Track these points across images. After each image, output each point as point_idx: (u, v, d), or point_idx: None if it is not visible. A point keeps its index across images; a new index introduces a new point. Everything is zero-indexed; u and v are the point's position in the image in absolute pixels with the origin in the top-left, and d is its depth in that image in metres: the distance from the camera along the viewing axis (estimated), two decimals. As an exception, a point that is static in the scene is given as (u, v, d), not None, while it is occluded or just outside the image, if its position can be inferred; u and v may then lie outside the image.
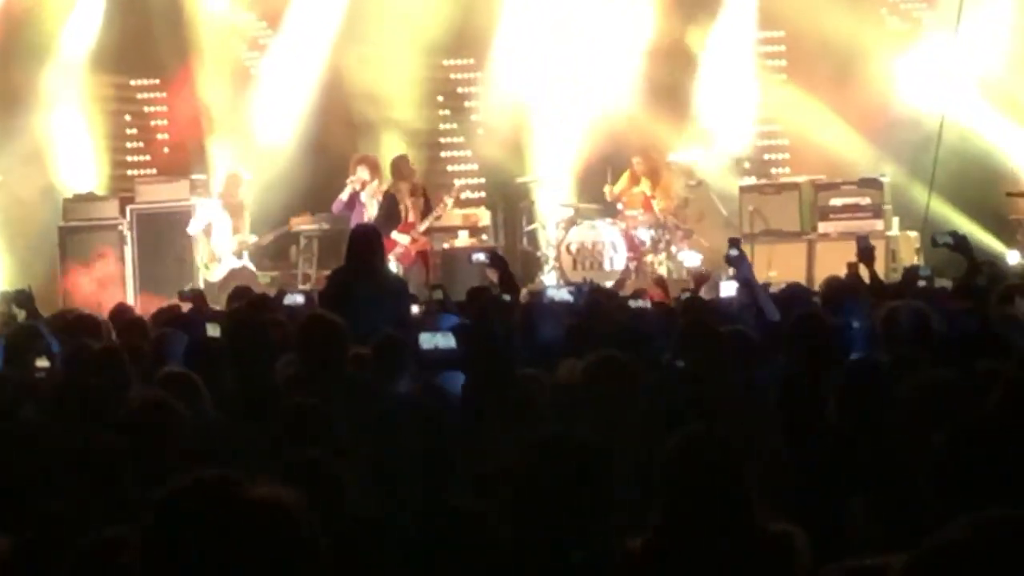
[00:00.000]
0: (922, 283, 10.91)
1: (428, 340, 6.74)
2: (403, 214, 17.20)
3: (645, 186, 18.72)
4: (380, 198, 17.40)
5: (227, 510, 2.63)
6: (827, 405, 5.75)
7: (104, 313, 11.47)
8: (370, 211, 17.23)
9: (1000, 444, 4.04)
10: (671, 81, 19.70)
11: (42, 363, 7.61)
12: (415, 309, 10.78)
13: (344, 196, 17.62)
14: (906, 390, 5.16)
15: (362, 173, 17.63)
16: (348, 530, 4.81)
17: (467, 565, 4.60)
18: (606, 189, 18.80)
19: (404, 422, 5.41)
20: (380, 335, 7.70)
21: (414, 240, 17.18)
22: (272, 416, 5.82)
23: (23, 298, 11.46)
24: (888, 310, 7.86)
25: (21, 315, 11.43)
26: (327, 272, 13.18)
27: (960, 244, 10.62)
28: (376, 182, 17.69)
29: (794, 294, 10.06)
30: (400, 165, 17.70)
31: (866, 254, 11.55)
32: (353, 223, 15.90)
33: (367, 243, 10.87)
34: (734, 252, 9.92)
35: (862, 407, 5.51)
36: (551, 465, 4.16)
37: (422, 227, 17.31)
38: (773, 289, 10.68)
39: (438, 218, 17.88)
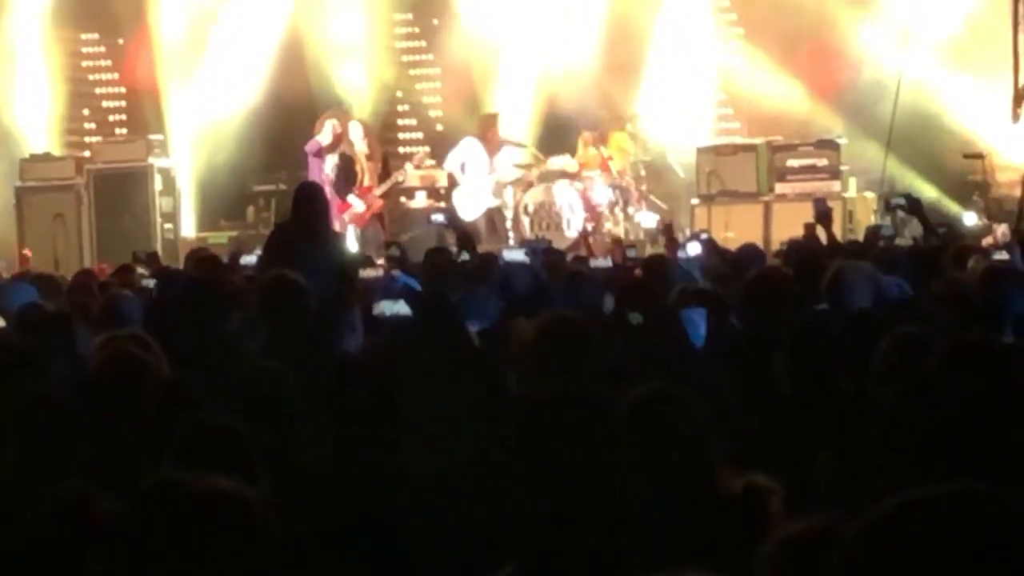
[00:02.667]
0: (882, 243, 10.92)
1: (389, 308, 6.72)
2: (359, 176, 17.16)
3: (600, 149, 18.70)
4: (337, 159, 17.34)
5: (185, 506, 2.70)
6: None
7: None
8: (327, 169, 17.16)
9: (940, 402, 4.09)
10: (627, 42, 19.68)
11: (-2, 323, 7.65)
12: (376, 273, 10.73)
13: (325, 141, 17.42)
14: (883, 345, 5.19)
15: (329, 131, 17.56)
16: (302, 483, 4.84)
17: (418, 519, 4.63)
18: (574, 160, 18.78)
19: (356, 379, 5.42)
20: (328, 295, 7.68)
21: (368, 205, 17.15)
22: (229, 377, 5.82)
23: None
24: (834, 270, 7.88)
25: None
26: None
27: (913, 207, 10.63)
28: (337, 143, 17.62)
29: (748, 255, 10.07)
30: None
31: (823, 216, 11.53)
32: (311, 178, 15.90)
33: (310, 201, 10.86)
34: None
35: (812, 366, 5.55)
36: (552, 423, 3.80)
37: (379, 191, 17.27)
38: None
39: (398, 183, 17.84)
